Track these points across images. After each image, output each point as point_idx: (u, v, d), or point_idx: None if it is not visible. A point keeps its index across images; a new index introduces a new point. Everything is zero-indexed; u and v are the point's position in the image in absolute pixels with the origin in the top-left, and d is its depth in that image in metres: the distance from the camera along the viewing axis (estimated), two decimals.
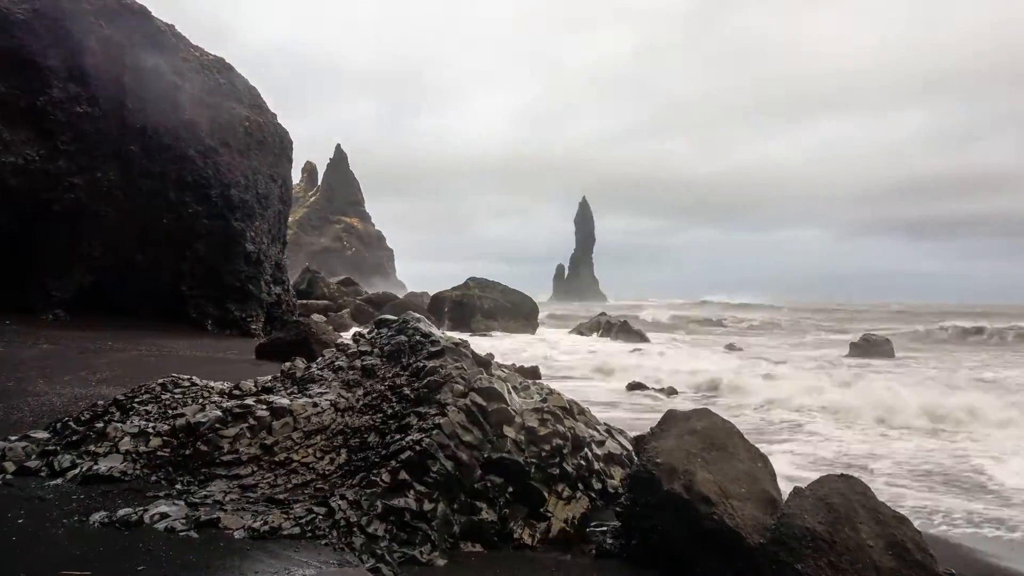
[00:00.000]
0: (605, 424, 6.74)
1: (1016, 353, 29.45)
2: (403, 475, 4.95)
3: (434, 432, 5.19)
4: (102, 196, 19.00)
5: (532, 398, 6.04)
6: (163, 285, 20.54)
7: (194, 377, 7.06)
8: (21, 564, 3.83)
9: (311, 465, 5.49)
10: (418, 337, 6.54)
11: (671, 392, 15.36)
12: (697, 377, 16.97)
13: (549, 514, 5.25)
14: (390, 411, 5.76)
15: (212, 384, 6.93)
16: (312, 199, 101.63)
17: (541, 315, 40.99)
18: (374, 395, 6.08)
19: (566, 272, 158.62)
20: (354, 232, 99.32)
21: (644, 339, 31.07)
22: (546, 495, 5.29)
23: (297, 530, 4.64)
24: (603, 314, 37.93)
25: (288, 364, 7.15)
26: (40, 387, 8.92)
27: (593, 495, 5.64)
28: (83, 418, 6.23)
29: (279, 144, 24.26)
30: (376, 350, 6.73)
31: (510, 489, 5.23)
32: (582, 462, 5.69)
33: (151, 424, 5.93)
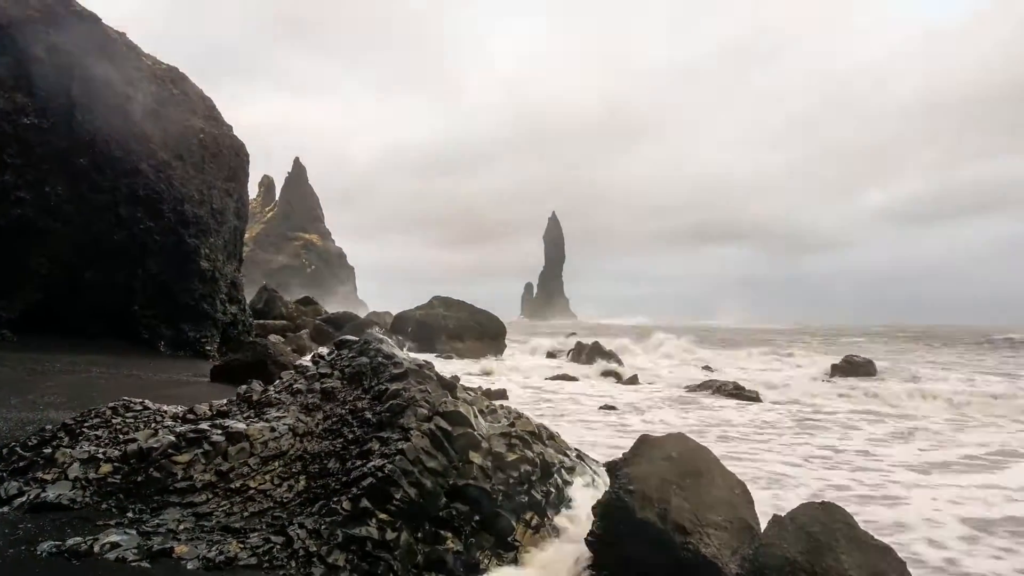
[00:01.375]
0: (576, 449, 6.63)
1: None
2: (365, 503, 4.79)
3: (397, 458, 5.03)
4: (50, 211, 18.40)
5: (499, 422, 5.92)
6: (114, 304, 19.90)
7: (146, 400, 6.80)
8: None
9: (268, 492, 5.29)
10: (380, 359, 6.38)
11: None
12: None
13: (517, 543, 5.11)
14: (351, 436, 5.59)
15: (165, 408, 6.67)
16: (270, 215, 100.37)
17: (508, 336, 40.47)
18: (334, 419, 5.90)
19: (535, 290, 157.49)
20: (313, 249, 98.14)
21: (617, 361, 30.70)
22: (514, 524, 5.16)
23: (254, 560, 4.48)
24: (573, 334, 37.74)
25: (244, 387, 6.92)
26: None
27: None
28: (30, 444, 5.95)
29: (235, 157, 23.76)
30: (336, 372, 6.56)
31: (476, 517, 5.08)
32: (552, 489, 5.57)
33: (101, 450, 5.69)
